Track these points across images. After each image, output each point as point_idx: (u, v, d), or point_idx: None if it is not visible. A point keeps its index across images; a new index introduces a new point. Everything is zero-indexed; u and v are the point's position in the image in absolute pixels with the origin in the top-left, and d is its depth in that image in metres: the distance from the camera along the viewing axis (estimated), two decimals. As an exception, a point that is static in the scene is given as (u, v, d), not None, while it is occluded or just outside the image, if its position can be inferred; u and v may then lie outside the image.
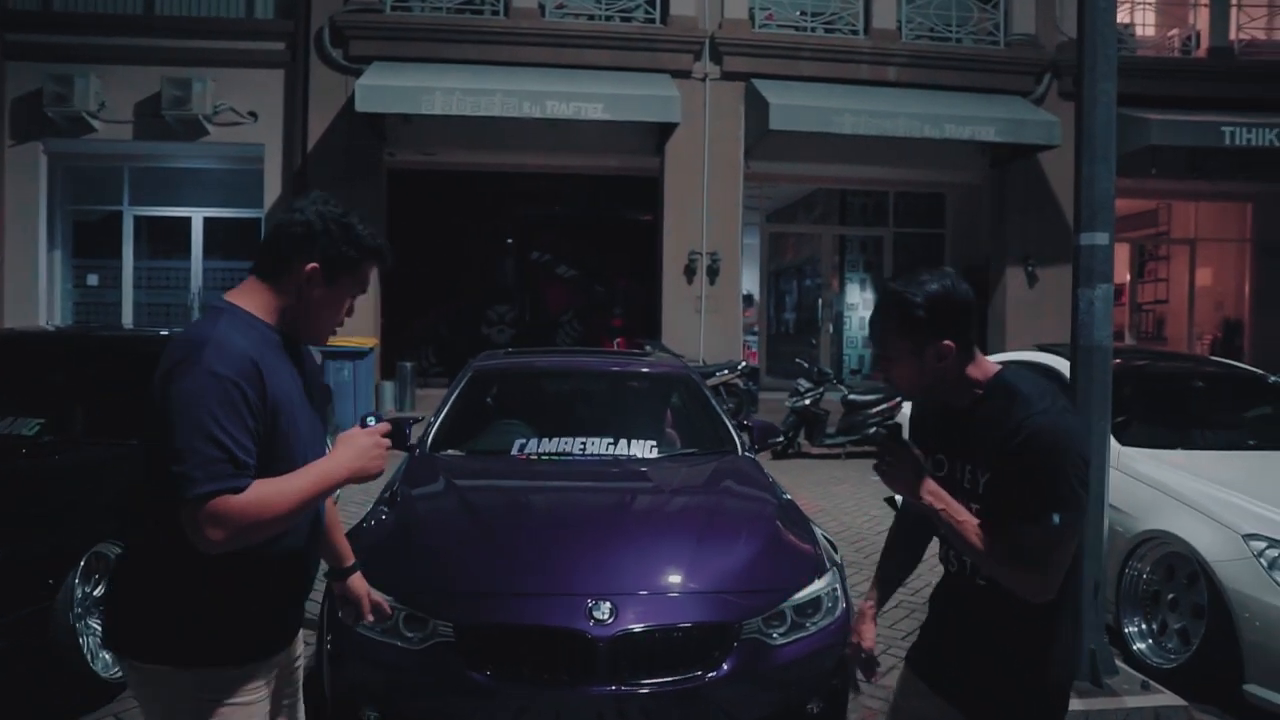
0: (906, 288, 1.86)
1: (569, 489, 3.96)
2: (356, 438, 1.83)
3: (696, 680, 2.90)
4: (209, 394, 1.66)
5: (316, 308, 1.87)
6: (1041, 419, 1.78)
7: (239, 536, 1.65)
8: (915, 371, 1.89)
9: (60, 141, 11.05)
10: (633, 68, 11.21)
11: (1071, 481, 1.76)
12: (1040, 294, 12.06)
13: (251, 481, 1.67)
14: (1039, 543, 1.75)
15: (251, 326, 1.80)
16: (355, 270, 1.88)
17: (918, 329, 1.84)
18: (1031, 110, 11.46)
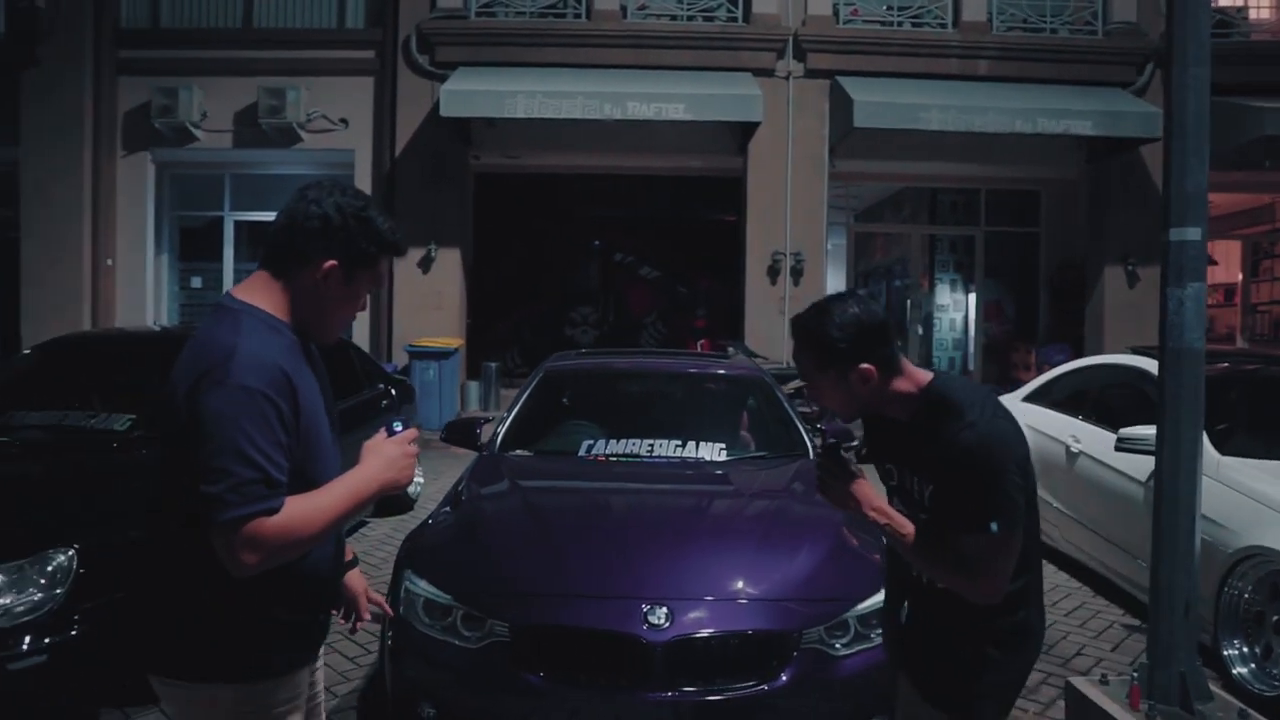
0: (816, 321, 1.91)
1: (633, 491, 3.93)
2: (384, 447, 1.76)
3: (755, 690, 2.84)
4: (241, 410, 1.57)
5: (333, 307, 1.77)
6: (971, 433, 1.82)
7: (273, 558, 1.59)
8: (845, 398, 1.95)
9: (166, 151, 11.59)
10: (715, 67, 11.13)
11: (1006, 489, 1.81)
12: (1142, 295, 11.48)
13: (285, 501, 1.60)
14: (980, 551, 1.81)
15: (275, 330, 1.71)
16: (374, 267, 1.78)
17: (835, 359, 1.89)
18: (1131, 101, 10.94)
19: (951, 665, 1.99)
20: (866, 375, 1.89)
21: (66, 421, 4.54)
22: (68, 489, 3.80)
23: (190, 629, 1.68)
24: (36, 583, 3.28)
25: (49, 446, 4.33)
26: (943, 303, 14.05)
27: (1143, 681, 3.34)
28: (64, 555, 3.34)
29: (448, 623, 3.01)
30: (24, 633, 3.19)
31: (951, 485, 1.85)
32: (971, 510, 1.82)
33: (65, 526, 3.44)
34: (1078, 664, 4.27)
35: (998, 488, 1.80)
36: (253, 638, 1.70)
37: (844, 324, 1.88)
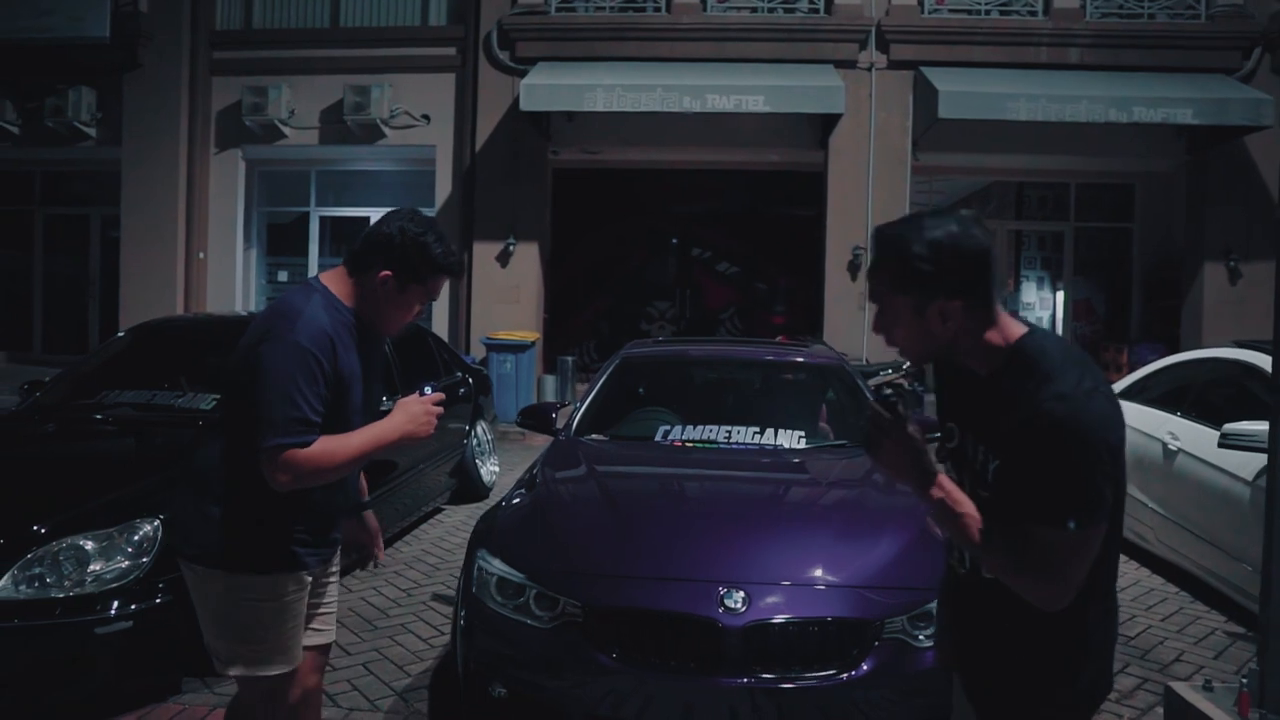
0: (902, 232, 1.58)
1: (709, 477, 3.85)
2: (410, 404, 2.14)
3: (833, 679, 2.74)
4: (294, 361, 2.00)
5: (387, 307, 2.18)
6: (1062, 405, 1.49)
7: (302, 480, 2.03)
8: (917, 335, 1.60)
9: (256, 148, 11.94)
10: (795, 59, 10.98)
11: (1095, 479, 1.49)
12: (1244, 292, 10.94)
13: (317, 437, 2.03)
14: (1052, 549, 1.49)
15: (335, 309, 2.13)
16: (424, 283, 2.17)
17: (919, 284, 1.55)
18: (1237, 88, 10.41)
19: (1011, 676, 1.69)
20: (950, 312, 1.56)
21: (155, 400, 4.67)
22: (156, 463, 3.90)
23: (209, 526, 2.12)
24: (124, 551, 3.38)
25: (139, 424, 4.48)
26: (1029, 301, 13.61)
27: (1252, 688, 3.13)
28: (150, 525, 3.43)
29: (520, 602, 2.99)
30: (112, 599, 3.29)
31: (1028, 464, 1.52)
32: (1049, 499, 1.49)
33: (152, 497, 3.53)
34: (1176, 670, 4.04)
35: (1084, 476, 1.48)
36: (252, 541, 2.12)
37: (935, 243, 1.53)
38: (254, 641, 2.15)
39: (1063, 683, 1.66)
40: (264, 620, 2.15)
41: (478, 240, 11.48)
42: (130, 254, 11.68)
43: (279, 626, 2.17)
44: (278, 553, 2.14)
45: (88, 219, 13.10)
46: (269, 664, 2.18)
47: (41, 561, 3.27)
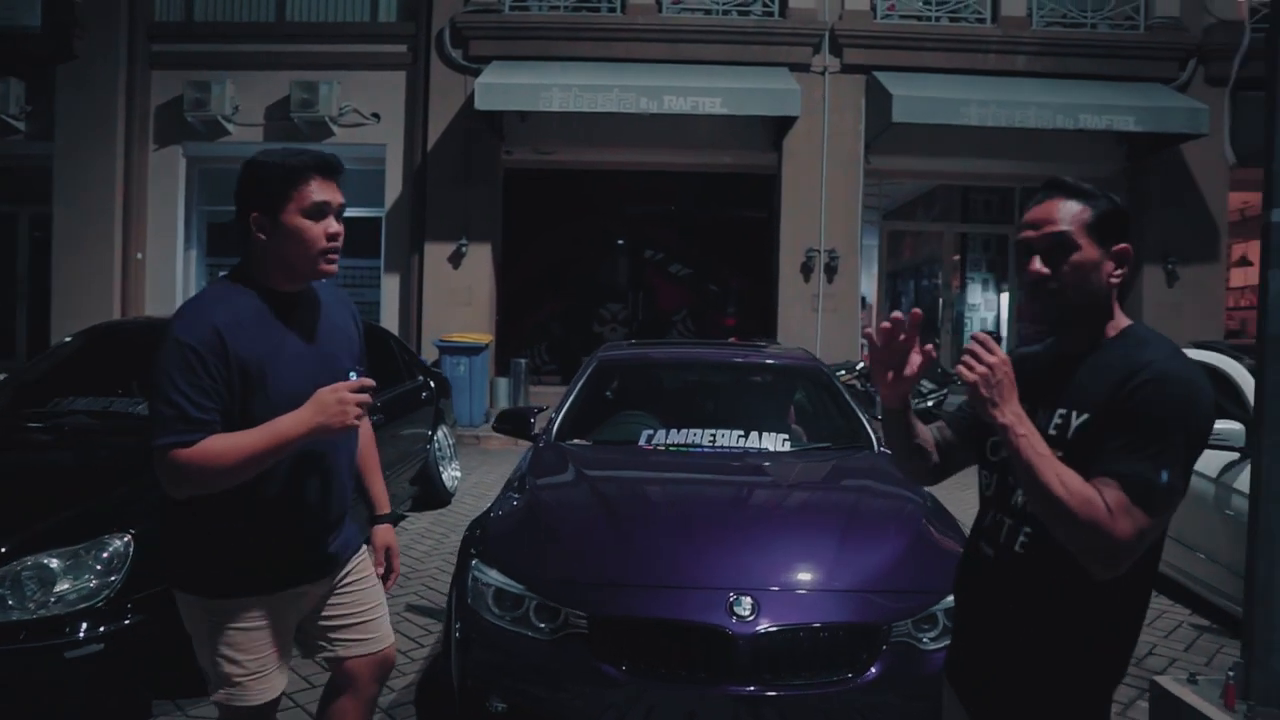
0: (1103, 191, 1.68)
1: (702, 481, 3.81)
2: (321, 394, 1.92)
3: (843, 684, 2.72)
4: (170, 358, 1.86)
5: (280, 250, 1.95)
6: (1175, 364, 1.54)
7: (194, 483, 1.87)
8: (1091, 274, 1.63)
9: (197, 145, 11.57)
10: (750, 62, 11.03)
11: (1190, 443, 1.50)
12: (1181, 294, 11.31)
13: (203, 436, 1.85)
14: (1137, 497, 1.46)
15: (232, 293, 1.97)
16: (289, 198, 1.93)
17: (1106, 224, 1.63)
18: (1175, 97, 10.76)
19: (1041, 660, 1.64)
20: (1126, 255, 1.65)
21: (113, 408, 4.46)
22: (122, 475, 3.71)
23: (175, 549, 2.06)
24: (93, 569, 3.20)
25: (96, 433, 4.26)
26: (974, 302, 13.88)
27: (1238, 681, 3.20)
28: (120, 541, 3.26)
29: (519, 613, 2.91)
30: (80, 620, 3.11)
31: (1126, 413, 1.52)
32: (1146, 446, 1.48)
33: (121, 512, 3.35)
34: (1151, 664, 4.12)
35: (1183, 435, 1.50)
36: (214, 562, 2.01)
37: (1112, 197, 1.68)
38: (228, 666, 2.03)
39: (1090, 669, 1.64)
40: (236, 645, 2.03)
41: (429, 241, 11.30)
42: (62, 255, 11.21)
43: (250, 653, 2.04)
44: (235, 574, 2.01)
45: (15, 217, 12.53)
46: (244, 693, 2.05)
47: (3, 583, 3.08)
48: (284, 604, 2.09)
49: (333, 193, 1.98)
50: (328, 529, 2.16)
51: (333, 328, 2.13)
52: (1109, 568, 1.50)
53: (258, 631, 2.05)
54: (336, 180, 2.01)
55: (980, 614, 1.77)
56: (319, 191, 1.95)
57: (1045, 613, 1.63)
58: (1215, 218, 11.38)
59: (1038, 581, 1.63)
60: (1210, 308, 11.38)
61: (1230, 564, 4.44)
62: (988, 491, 1.80)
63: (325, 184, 1.97)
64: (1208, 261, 11.39)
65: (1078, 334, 1.71)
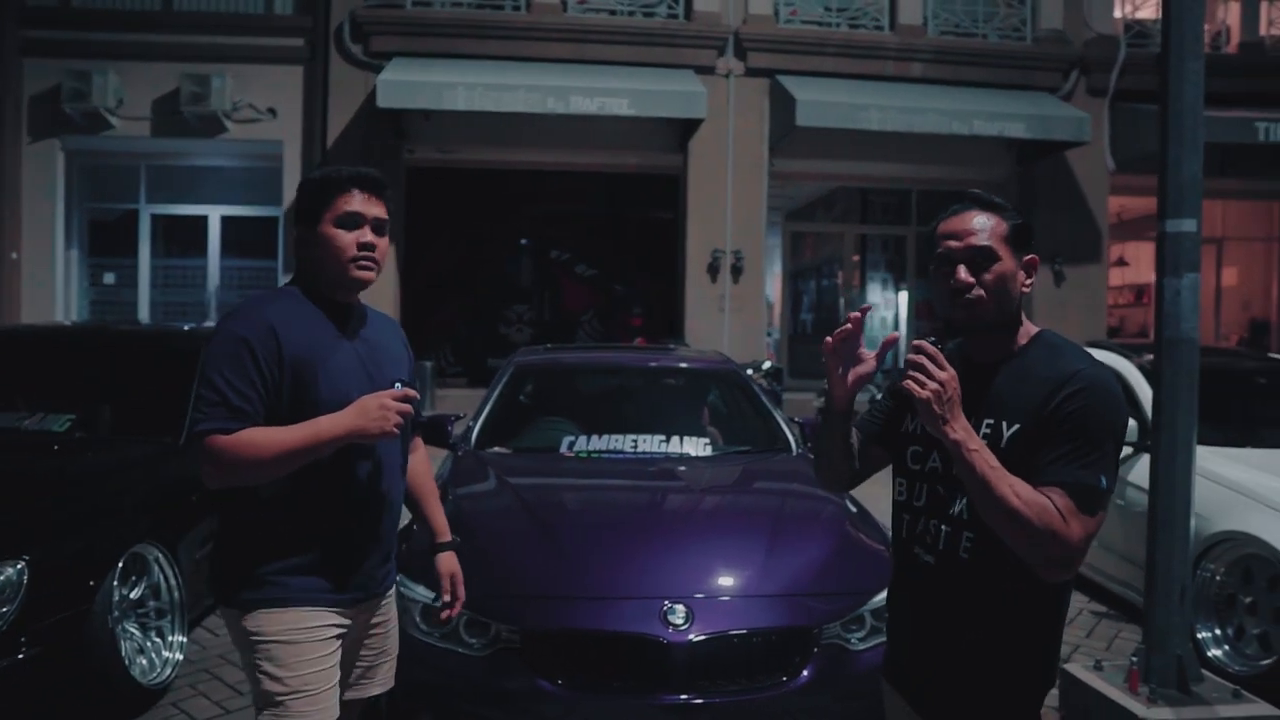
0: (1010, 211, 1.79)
1: (628, 488, 3.80)
2: (365, 399, 1.95)
3: (777, 688, 2.75)
4: (221, 347, 1.93)
5: (323, 261, 2.03)
6: (1098, 373, 1.62)
7: (226, 472, 1.89)
8: (1008, 285, 1.71)
9: (78, 139, 10.92)
10: (656, 64, 11.06)
11: (1118, 447, 1.62)
12: (1067, 293, 11.87)
13: (243, 426, 1.88)
14: (1082, 503, 1.55)
15: (292, 298, 2.06)
16: (327, 208, 2.01)
17: (1019, 237, 1.75)
18: (1060, 107, 11.28)
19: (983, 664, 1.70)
20: (1034, 266, 1.76)
21: (-3, 423, 4.19)
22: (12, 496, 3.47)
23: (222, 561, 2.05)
24: (-18, 598, 2.99)
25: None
26: (874, 301, 14.27)
27: (1140, 666, 3.37)
28: (13, 569, 3.05)
29: (448, 629, 2.84)
30: (-31, 654, 2.90)
31: (1059, 424, 1.58)
32: (1084, 456, 1.56)
33: (13, 536, 3.14)
34: (1057, 653, 4.30)
35: (1113, 438, 1.59)
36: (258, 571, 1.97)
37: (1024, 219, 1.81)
38: (269, 684, 1.96)
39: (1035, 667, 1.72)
40: (276, 660, 1.96)
41: (330, 241, 10.95)
42: (-73, 254, 10.47)
43: (291, 669, 1.96)
44: (278, 583, 1.97)
45: None
46: (286, 714, 1.96)
47: (-121, 615, 2.85)
48: (325, 622, 2.02)
49: (370, 205, 2.04)
50: (376, 549, 2.11)
51: (382, 345, 2.17)
52: (1064, 571, 1.59)
53: (297, 646, 1.97)
54: (380, 195, 2.08)
55: (924, 619, 1.80)
56: (354, 203, 2.02)
57: (993, 615, 1.69)
58: (1097, 220, 11.98)
59: (985, 585, 1.68)
60: (1094, 305, 11.98)
61: (1124, 553, 4.68)
62: (917, 501, 1.82)
63: (364, 197, 2.04)
64: (1091, 262, 11.99)
65: (993, 342, 1.76)
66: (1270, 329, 13.92)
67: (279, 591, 1.97)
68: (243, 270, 11.69)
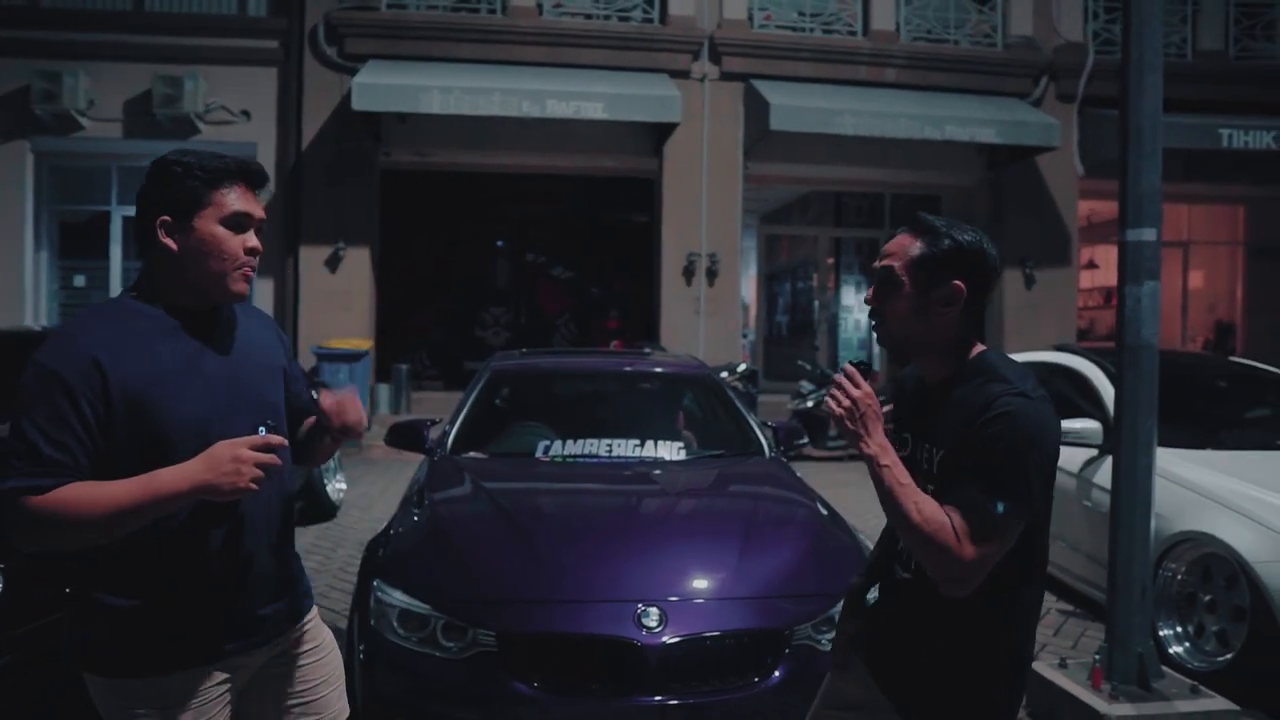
0: (945, 225, 1.72)
1: (603, 492, 3.84)
2: (218, 448, 1.63)
3: (749, 689, 2.80)
4: (31, 388, 1.61)
5: (195, 263, 1.72)
6: (1018, 401, 1.62)
7: (39, 536, 1.58)
8: (912, 311, 1.72)
9: (48, 140, 10.82)
10: (631, 67, 11.12)
11: (1029, 474, 1.61)
12: (1038, 296, 12.06)
13: (56, 481, 1.57)
14: (974, 525, 1.59)
15: (127, 312, 1.73)
16: (206, 204, 1.71)
17: (935, 264, 1.70)
18: (1031, 112, 11.45)
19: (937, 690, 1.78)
20: (954, 295, 1.69)
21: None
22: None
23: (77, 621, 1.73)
24: (-46, 606, 2.98)
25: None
26: (848, 304, 14.41)
27: (1103, 663, 3.46)
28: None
29: (425, 634, 2.87)
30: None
31: (974, 449, 1.63)
32: (985, 479, 1.60)
33: (-12, 543, 3.13)
34: (1024, 651, 4.39)
35: (1021, 465, 1.60)
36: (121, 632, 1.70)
37: (967, 242, 1.71)
38: None
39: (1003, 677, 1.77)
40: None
41: (305, 244, 10.93)
42: (-107, 256, 10.33)
43: None
44: (145, 647, 1.70)
45: None
46: None
47: None
48: (208, 682, 1.77)
49: (255, 205, 1.79)
50: (252, 587, 1.82)
51: (255, 352, 1.87)
52: (957, 588, 1.62)
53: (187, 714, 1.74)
54: (259, 192, 1.83)
55: (902, 630, 1.86)
56: (241, 201, 1.75)
57: (960, 626, 1.74)
58: (1067, 224, 12.17)
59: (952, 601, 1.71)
60: (1064, 308, 12.17)
61: (1090, 552, 4.78)
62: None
63: (248, 194, 1.78)
64: (1061, 265, 12.17)
65: (927, 365, 1.81)
66: (1235, 331, 14.19)
67: (148, 654, 1.70)
68: (216, 273, 11.60)
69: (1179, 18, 12.25)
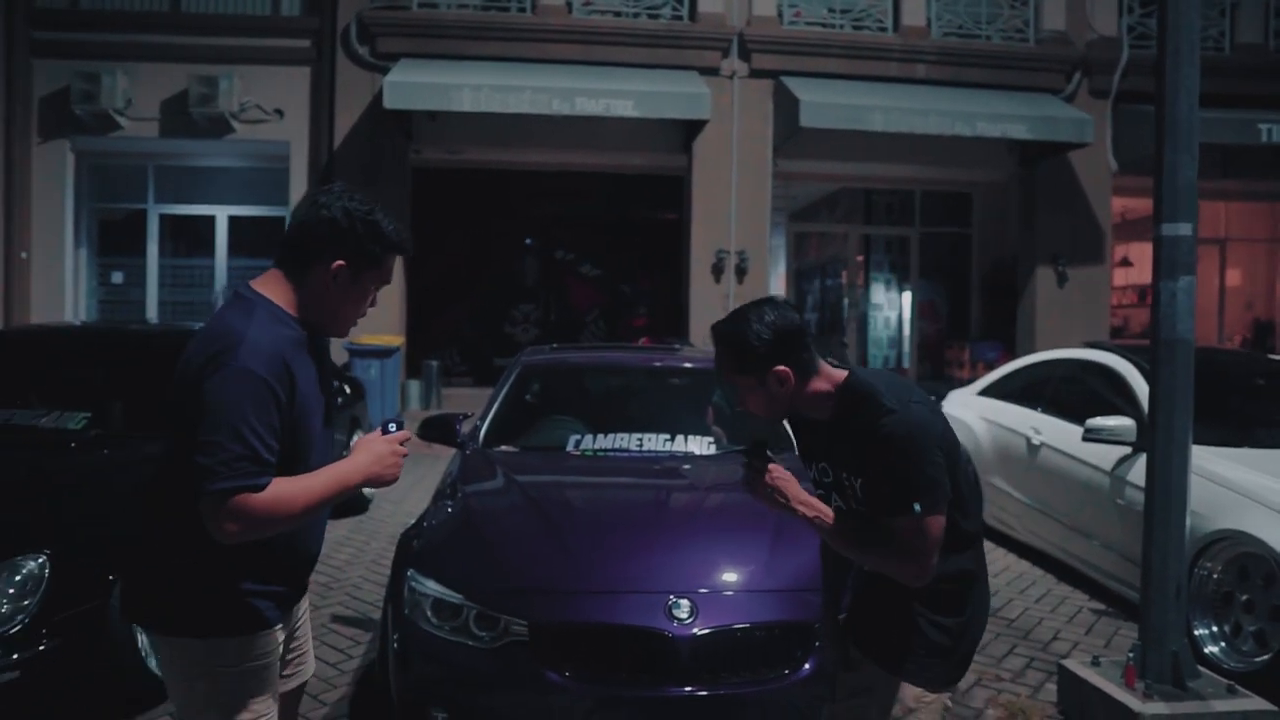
0: (734, 326, 1.98)
1: (634, 485, 3.86)
2: (375, 443, 1.91)
3: (779, 681, 2.82)
4: (242, 392, 1.73)
5: (340, 303, 1.92)
6: (890, 419, 1.89)
7: (253, 531, 1.76)
8: (765, 400, 2.00)
9: (87, 139, 11.02)
10: (660, 65, 11.12)
11: (926, 471, 1.89)
12: (1070, 294, 11.93)
13: (271, 480, 1.75)
14: (907, 532, 1.88)
15: (282, 323, 1.86)
16: (380, 265, 1.93)
17: (754, 362, 1.95)
18: (1063, 108, 11.33)
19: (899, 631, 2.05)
20: (783, 377, 1.95)
21: (14, 421, 4.25)
22: (32, 491, 3.55)
23: (173, 587, 1.85)
24: (4, 593, 3.06)
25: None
26: (877, 302, 14.33)
27: (1137, 662, 3.43)
28: (34, 562, 3.13)
29: (458, 623, 2.91)
30: (-8, 646, 2.97)
31: (877, 473, 1.92)
32: (896, 494, 1.89)
33: (35, 531, 3.21)
34: (1056, 648, 4.36)
35: (920, 470, 1.88)
36: (225, 598, 1.85)
37: (761, 329, 1.94)
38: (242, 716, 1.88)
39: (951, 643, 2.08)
40: (247, 691, 1.88)
41: (337, 241, 11.03)
42: (-62, 253, 10.56)
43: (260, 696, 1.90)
44: (236, 611, 1.86)
45: (-118, 214, 11.74)
46: None
47: (-96, 608, 2.92)
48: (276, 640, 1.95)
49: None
50: (310, 559, 2.07)
51: (328, 370, 2.07)
52: (919, 582, 1.94)
53: (267, 672, 1.91)
54: None
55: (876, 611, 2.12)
56: (393, 270, 2.00)
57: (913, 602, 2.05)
58: (1100, 221, 12.02)
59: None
60: (1097, 306, 12.03)
61: (1123, 550, 4.73)
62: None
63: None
64: (1094, 263, 12.03)
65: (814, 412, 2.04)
66: (1274, 329, 13.95)
67: (244, 618, 1.86)
68: (249, 270, 11.73)
69: (1217, 10, 12.06)
